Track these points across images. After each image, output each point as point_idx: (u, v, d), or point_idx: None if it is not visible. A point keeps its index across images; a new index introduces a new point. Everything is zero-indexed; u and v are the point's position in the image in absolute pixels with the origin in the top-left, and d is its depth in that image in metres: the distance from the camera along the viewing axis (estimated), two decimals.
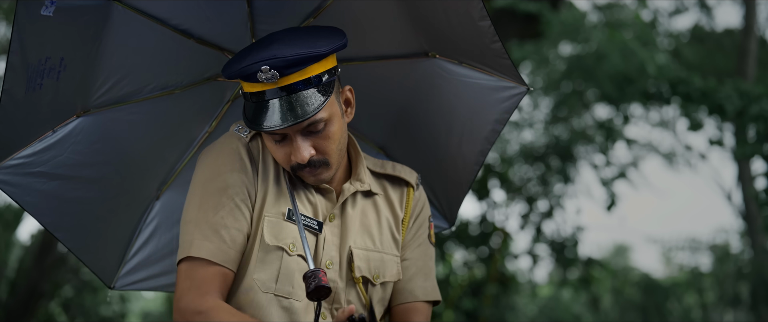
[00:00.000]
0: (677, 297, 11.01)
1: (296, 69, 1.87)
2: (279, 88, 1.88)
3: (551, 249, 9.42)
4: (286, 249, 1.95)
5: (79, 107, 2.13)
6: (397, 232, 2.13)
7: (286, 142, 1.93)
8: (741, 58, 9.24)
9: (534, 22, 8.09)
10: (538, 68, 9.15)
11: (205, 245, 1.90)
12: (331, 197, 2.05)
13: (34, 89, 1.94)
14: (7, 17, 9.98)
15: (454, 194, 2.42)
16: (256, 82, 1.88)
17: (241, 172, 1.97)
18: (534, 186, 9.55)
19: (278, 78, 1.86)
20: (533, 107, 9.89)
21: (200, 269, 1.89)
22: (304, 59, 1.87)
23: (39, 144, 2.07)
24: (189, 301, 1.86)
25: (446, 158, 2.36)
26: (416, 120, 2.38)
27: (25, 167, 2.07)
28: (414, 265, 2.14)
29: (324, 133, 1.93)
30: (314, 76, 1.90)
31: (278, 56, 1.86)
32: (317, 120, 1.90)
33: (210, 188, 1.95)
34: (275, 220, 1.96)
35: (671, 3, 11.18)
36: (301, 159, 1.91)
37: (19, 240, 10.86)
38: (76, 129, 2.13)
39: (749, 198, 9.66)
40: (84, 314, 10.35)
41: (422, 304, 2.13)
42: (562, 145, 9.07)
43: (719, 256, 12.02)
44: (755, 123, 6.72)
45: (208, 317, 1.82)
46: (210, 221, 1.92)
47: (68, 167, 2.16)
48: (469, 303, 9.11)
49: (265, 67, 1.86)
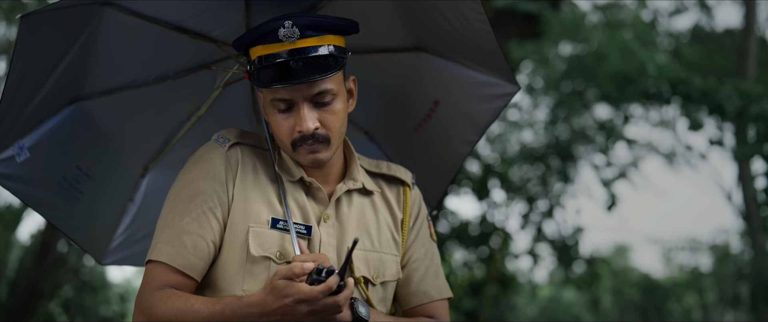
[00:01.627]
0: (677, 297, 11.01)
1: (315, 33, 1.92)
2: (295, 49, 1.91)
3: (552, 248, 9.41)
4: (273, 258, 1.95)
5: (72, 96, 2.18)
6: (397, 232, 2.13)
7: (291, 113, 1.95)
8: (741, 58, 9.23)
9: (534, 22, 8.08)
10: (538, 68, 9.14)
11: (165, 249, 1.93)
12: (322, 197, 2.04)
13: (33, 90, 1.99)
14: (7, 17, 9.99)
15: (437, 181, 2.46)
16: (275, 42, 1.91)
17: (214, 180, 1.98)
18: (534, 186, 9.55)
19: (297, 37, 1.90)
20: (533, 107, 9.88)
21: (158, 272, 1.93)
22: (324, 25, 1.93)
23: (31, 135, 2.12)
24: (143, 299, 1.90)
25: (433, 146, 2.40)
26: (402, 109, 2.42)
27: (19, 157, 2.10)
28: (422, 265, 2.15)
29: (330, 108, 1.95)
30: (330, 45, 1.94)
31: (304, 15, 1.92)
32: (327, 89, 1.93)
33: (182, 195, 1.98)
34: (260, 230, 1.96)
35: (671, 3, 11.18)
36: (306, 129, 1.92)
37: (19, 240, 10.87)
38: (68, 117, 2.18)
39: (749, 198, 9.65)
40: (84, 314, 10.35)
41: (439, 302, 2.15)
42: (562, 145, 9.07)
43: (719, 256, 12.01)
44: (755, 123, 6.72)
45: (157, 306, 1.86)
46: (175, 226, 1.94)
47: (60, 154, 2.20)
48: (469, 303, 9.11)
49: (288, 22, 1.90)
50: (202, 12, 2.14)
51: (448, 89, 2.31)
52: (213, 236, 1.96)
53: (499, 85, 2.25)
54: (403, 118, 2.43)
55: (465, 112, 2.31)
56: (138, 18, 2.07)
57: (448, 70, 2.27)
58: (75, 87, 2.16)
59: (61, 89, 2.10)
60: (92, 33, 2.03)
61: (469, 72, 2.25)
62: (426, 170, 2.42)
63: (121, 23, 2.06)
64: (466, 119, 2.32)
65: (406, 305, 2.14)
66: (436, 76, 2.30)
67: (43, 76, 2.00)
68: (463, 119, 2.32)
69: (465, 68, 2.25)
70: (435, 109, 2.34)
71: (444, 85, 2.30)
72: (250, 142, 2.07)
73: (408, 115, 2.41)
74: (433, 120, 2.36)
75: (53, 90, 2.06)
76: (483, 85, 2.25)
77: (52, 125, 2.16)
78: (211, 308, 1.82)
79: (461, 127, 2.33)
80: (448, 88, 2.31)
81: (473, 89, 2.27)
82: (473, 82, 2.26)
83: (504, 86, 2.25)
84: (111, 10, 2.02)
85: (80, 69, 2.10)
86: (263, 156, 2.07)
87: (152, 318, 1.87)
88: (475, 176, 9.77)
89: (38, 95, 2.02)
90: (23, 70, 1.92)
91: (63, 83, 2.08)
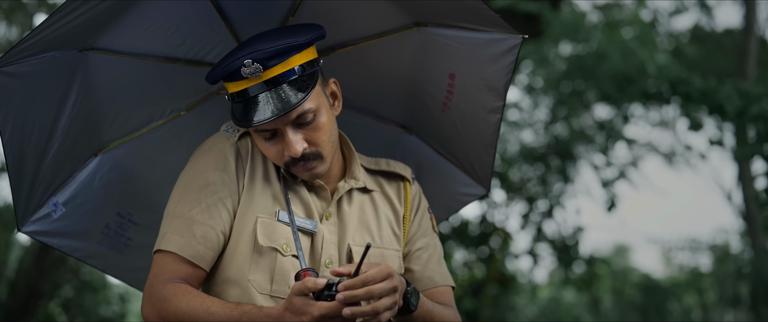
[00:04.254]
0: (677, 297, 11.01)
1: (278, 61, 1.90)
2: (263, 83, 1.90)
3: (552, 248, 9.41)
4: (279, 250, 1.96)
5: (96, 147, 2.22)
6: (398, 227, 2.14)
7: (277, 139, 1.95)
8: (741, 58, 9.22)
9: (534, 22, 8.08)
10: (538, 68, 9.15)
11: (174, 239, 1.93)
12: (325, 195, 2.06)
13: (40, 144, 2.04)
14: (7, 17, 9.98)
15: (482, 157, 2.38)
16: (241, 79, 1.90)
17: (224, 171, 1.98)
18: (534, 186, 9.54)
19: (262, 71, 1.89)
20: (533, 107, 9.89)
21: (168, 262, 1.92)
22: (285, 49, 1.90)
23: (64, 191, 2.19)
24: (154, 290, 1.90)
25: (464, 122, 2.35)
26: (424, 93, 2.37)
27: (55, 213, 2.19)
28: (425, 253, 2.16)
29: (314, 125, 1.94)
30: (297, 66, 1.92)
31: (259, 49, 1.89)
32: (305, 110, 1.92)
33: (192, 185, 1.98)
34: (268, 221, 1.97)
35: (671, 3, 11.18)
36: (294, 153, 1.92)
37: (19, 240, 10.86)
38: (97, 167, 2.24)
39: (749, 198, 9.65)
40: (84, 314, 10.34)
41: (444, 288, 2.16)
42: (562, 145, 9.07)
43: (719, 256, 12.01)
44: (755, 123, 6.71)
45: (171, 301, 1.85)
46: (184, 216, 1.95)
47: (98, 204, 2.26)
48: (469, 303, 9.11)
49: (248, 60, 1.88)
50: (184, 39, 2.14)
51: (458, 59, 2.24)
52: (222, 226, 1.96)
53: (503, 39, 2.16)
54: (429, 102, 2.37)
55: (480, 77, 2.23)
56: (124, 56, 2.08)
57: (453, 37, 2.22)
58: (95, 137, 2.18)
59: (80, 140, 2.12)
60: (85, 79, 2.04)
61: (473, 34, 2.18)
62: (467, 148, 2.38)
63: (111, 65, 2.08)
64: (484, 85, 2.24)
65: None
66: (443, 48, 2.25)
67: (46, 129, 2.01)
68: (481, 86, 2.24)
69: (467, 32, 2.19)
70: (453, 84, 2.28)
71: (453, 54, 2.24)
72: None
73: (431, 97, 2.35)
74: (455, 95, 2.30)
75: (69, 142, 2.07)
76: (489, 44, 2.17)
77: (83, 178, 2.19)
78: (228, 313, 1.80)
79: (482, 95, 2.25)
80: (457, 58, 2.24)
81: (481, 51, 2.19)
82: (479, 43, 2.18)
83: (508, 39, 2.16)
84: (94, 54, 2.03)
85: (89, 118, 2.12)
86: None
87: (164, 313, 1.86)
88: None
89: (50, 150, 2.03)
90: (16, 124, 1.92)
91: (79, 134, 2.09)
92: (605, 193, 8.28)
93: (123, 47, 2.07)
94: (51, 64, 1.94)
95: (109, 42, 2.04)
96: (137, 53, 2.10)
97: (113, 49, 2.05)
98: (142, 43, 2.10)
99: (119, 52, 2.07)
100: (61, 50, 1.95)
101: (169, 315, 1.85)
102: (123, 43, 2.07)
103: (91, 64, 2.03)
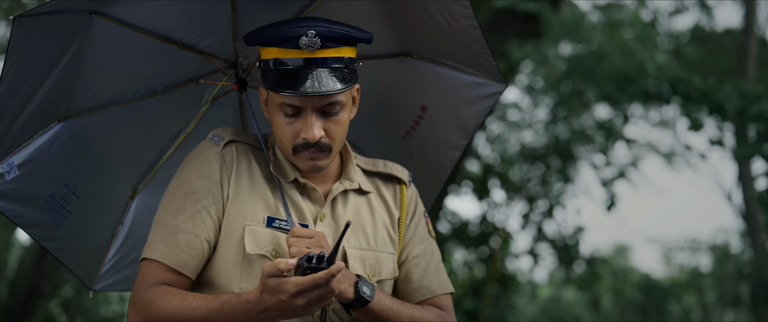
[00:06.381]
0: (677, 297, 11.00)
1: (336, 45, 1.91)
2: (313, 59, 1.90)
3: (553, 248, 9.42)
4: (268, 257, 1.95)
5: (61, 112, 2.15)
6: (393, 230, 2.13)
7: (297, 118, 1.94)
8: (741, 58, 9.22)
9: (534, 22, 8.08)
10: (538, 68, 9.14)
11: (159, 247, 1.93)
12: (317, 197, 2.05)
13: (23, 102, 1.98)
14: (6, 17, 9.97)
15: (429, 189, 2.44)
16: (294, 47, 1.90)
17: (208, 179, 1.99)
18: (534, 186, 9.55)
19: (318, 47, 1.89)
20: (533, 107, 9.89)
21: (152, 269, 1.93)
22: (348, 37, 1.93)
23: (21, 152, 2.09)
24: (138, 296, 1.91)
25: (421, 154, 2.39)
26: (389, 118, 2.40)
27: (8, 174, 2.09)
28: (422, 261, 2.15)
29: (337, 118, 1.95)
30: (347, 57, 1.94)
31: (325, 26, 1.90)
32: (338, 101, 1.93)
33: (177, 194, 1.99)
34: (256, 228, 1.97)
35: (671, 3, 11.18)
36: (312, 137, 1.92)
37: (19, 240, 10.85)
38: (57, 134, 2.16)
39: (749, 198, 9.64)
40: (84, 314, 10.34)
41: (443, 297, 2.15)
42: (562, 145, 9.07)
43: (719, 256, 12.00)
44: (755, 123, 6.71)
45: (154, 303, 1.86)
46: (169, 225, 1.95)
47: (49, 171, 2.17)
48: (469, 303, 9.11)
49: (312, 32, 1.89)
50: (189, 21, 2.13)
51: (435, 94, 2.29)
52: (207, 234, 1.96)
53: (486, 85, 2.23)
54: (390, 128, 2.42)
55: (452, 115, 2.30)
56: (127, 28, 2.07)
57: (435, 74, 2.26)
58: (64, 103, 2.13)
59: (51, 104, 2.08)
60: (82, 44, 2.02)
61: (456, 74, 2.23)
62: (415, 178, 2.40)
63: (110, 34, 2.06)
64: (453, 123, 2.30)
65: (409, 301, 2.13)
66: (423, 81, 2.29)
67: (34, 88, 1.98)
68: (451, 123, 2.31)
69: (452, 71, 2.24)
70: (423, 116, 2.33)
71: (431, 89, 2.29)
72: (245, 141, 2.07)
73: (395, 123, 2.40)
74: (421, 127, 2.35)
75: (43, 104, 2.04)
76: (470, 87, 2.24)
77: (42, 142, 2.13)
78: (209, 305, 1.82)
79: (449, 132, 2.32)
80: (435, 93, 2.29)
81: (460, 92, 2.25)
82: (460, 84, 2.24)
83: (491, 86, 2.23)
84: (100, 20, 2.01)
85: (70, 83, 2.08)
86: (258, 155, 2.07)
87: (148, 316, 1.87)
88: (475, 175, 9.77)
89: (28, 108, 2.00)
90: (14, 80, 1.90)
91: (53, 97, 2.06)
92: (605, 193, 8.28)
93: (129, 18, 2.06)
94: (63, 23, 1.93)
95: (119, 11, 2.03)
96: (140, 27, 2.09)
97: (119, 19, 2.04)
98: (147, 19, 2.08)
99: (124, 22, 2.05)
100: (76, 12, 1.94)
101: (154, 316, 1.86)
102: (132, 15, 2.05)
103: (93, 27, 2.01)
